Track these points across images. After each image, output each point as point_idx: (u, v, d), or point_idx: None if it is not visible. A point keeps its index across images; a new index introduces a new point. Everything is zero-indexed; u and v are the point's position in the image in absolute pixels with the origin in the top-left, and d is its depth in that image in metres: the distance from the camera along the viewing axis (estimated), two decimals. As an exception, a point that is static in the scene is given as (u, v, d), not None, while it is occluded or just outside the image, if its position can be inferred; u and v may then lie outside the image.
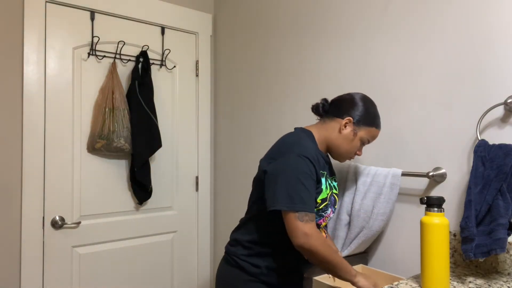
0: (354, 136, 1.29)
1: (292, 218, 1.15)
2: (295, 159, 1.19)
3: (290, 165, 1.19)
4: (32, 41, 1.83)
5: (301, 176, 1.17)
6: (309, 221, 1.15)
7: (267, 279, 1.30)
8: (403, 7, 1.48)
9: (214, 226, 2.47)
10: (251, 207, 1.37)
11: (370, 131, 1.31)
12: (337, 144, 1.31)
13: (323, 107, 1.36)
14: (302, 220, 1.14)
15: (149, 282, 2.19)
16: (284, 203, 1.16)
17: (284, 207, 1.15)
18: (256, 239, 1.31)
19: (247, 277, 1.29)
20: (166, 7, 2.25)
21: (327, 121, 1.33)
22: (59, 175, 1.90)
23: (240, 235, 1.35)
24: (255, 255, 1.30)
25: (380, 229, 1.43)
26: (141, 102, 2.03)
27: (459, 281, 1.13)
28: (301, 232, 1.14)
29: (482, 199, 1.12)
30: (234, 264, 1.33)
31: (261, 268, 1.29)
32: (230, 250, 1.37)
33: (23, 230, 1.80)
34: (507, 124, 1.21)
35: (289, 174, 1.17)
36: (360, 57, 1.63)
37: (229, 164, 2.35)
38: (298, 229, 1.14)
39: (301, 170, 1.18)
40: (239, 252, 1.33)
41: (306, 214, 1.15)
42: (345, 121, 1.29)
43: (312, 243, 1.13)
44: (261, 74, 2.13)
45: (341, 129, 1.29)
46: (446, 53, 1.35)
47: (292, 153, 1.20)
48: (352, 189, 1.52)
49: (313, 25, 1.84)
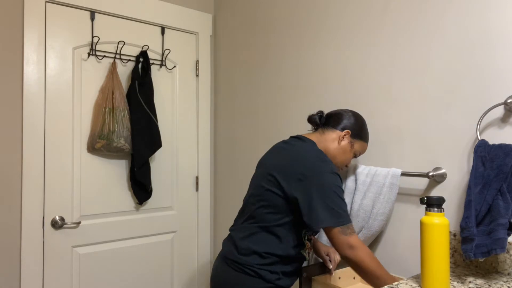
0: (351, 148, 1.39)
1: (336, 233, 1.22)
2: (331, 176, 1.26)
3: (329, 182, 1.25)
4: (32, 41, 1.83)
5: (338, 191, 1.25)
6: (352, 233, 1.22)
7: (282, 283, 1.34)
8: (403, 7, 1.48)
9: (214, 226, 2.47)
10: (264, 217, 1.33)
11: (362, 145, 1.43)
12: (334, 154, 1.38)
13: (320, 119, 1.45)
14: (345, 234, 1.22)
15: (149, 282, 2.19)
16: (329, 221, 1.22)
17: (329, 224, 1.22)
18: (272, 250, 1.32)
19: (266, 284, 1.31)
20: (166, 7, 2.26)
21: (326, 132, 1.41)
22: (59, 175, 1.90)
23: (257, 246, 1.33)
24: (273, 264, 1.32)
25: (379, 229, 1.43)
26: (141, 102, 2.03)
27: (459, 281, 1.13)
28: (347, 245, 1.21)
29: (482, 199, 1.12)
30: (251, 274, 1.32)
31: (278, 274, 1.33)
32: (244, 260, 1.33)
33: (23, 230, 1.80)
34: (507, 124, 1.21)
35: (329, 192, 1.24)
36: (360, 57, 1.63)
37: (229, 164, 2.35)
38: (344, 242, 1.21)
39: (337, 185, 1.26)
40: (256, 262, 1.32)
41: (348, 227, 1.22)
42: (344, 133, 1.38)
43: (359, 254, 1.20)
44: (261, 74, 2.13)
45: (340, 140, 1.38)
46: (446, 53, 1.35)
47: (327, 171, 1.27)
48: (352, 189, 1.53)
49: (312, 25, 1.84)
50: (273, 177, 1.31)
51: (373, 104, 1.58)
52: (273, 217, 1.32)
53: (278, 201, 1.30)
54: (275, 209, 1.31)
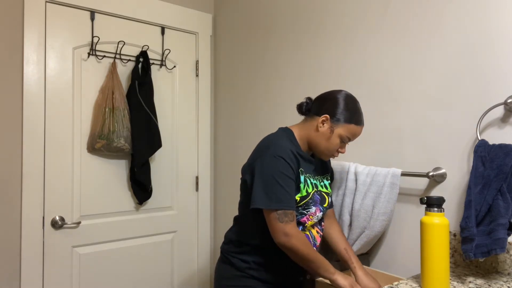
0: (331, 134, 1.29)
1: (272, 219, 1.22)
2: (270, 159, 1.24)
3: (266, 165, 1.24)
4: (32, 41, 1.83)
5: (276, 176, 1.22)
6: (289, 221, 1.21)
7: (256, 274, 1.34)
8: (403, 7, 1.48)
9: (214, 226, 2.47)
10: (239, 207, 1.44)
11: (349, 128, 1.29)
12: (316, 142, 1.33)
13: (306, 105, 1.38)
14: (282, 221, 1.21)
15: (149, 282, 2.19)
16: (262, 202, 1.22)
17: (262, 206, 1.22)
18: (244, 237, 1.37)
19: (237, 272, 1.36)
20: (166, 7, 2.25)
21: (308, 120, 1.36)
22: (59, 175, 1.90)
23: (232, 234, 1.43)
24: (245, 252, 1.36)
25: (382, 230, 1.43)
26: (141, 102, 2.03)
27: (459, 281, 1.13)
28: (282, 232, 1.21)
29: (482, 199, 1.12)
30: (226, 261, 1.40)
31: (249, 263, 1.34)
32: (223, 248, 1.44)
33: (23, 230, 1.80)
34: (507, 124, 1.21)
35: (266, 175, 1.23)
36: (360, 57, 1.63)
37: (229, 164, 2.35)
38: (278, 229, 1.21)
39: (276, 169, 1.22)
40: (231, 250, 1.39)
41: (286, 215, 1.21)
42: (321, 118, 1.29)
43: (293, 242, 1.21)
44: (261, 74, 2.13)
45: (318, 126, 1.31)
46: (446, 52, 1.35)
47: (267, 154, 1.25)
48: (353, 189, 1.52)
49: (312, 25, 1.84)
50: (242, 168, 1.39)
51: (373, 104, 1.58)
52: (242, 206, 1.39)
53: (244, 189, 1.36)
54: (243, 198, 1.37)
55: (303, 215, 1.32)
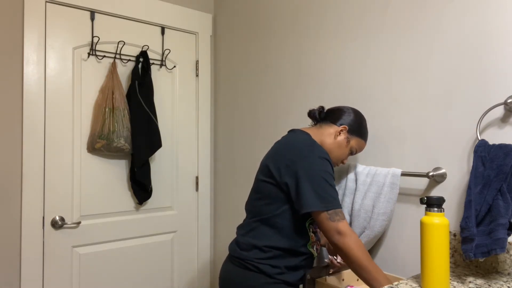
0: (347, 144, 1.39)
1: (324, 219, 1.21)
2: (319, 161, 1.25)
3: (314, 167, 1.24)
4: (32, 41, 1.83)
5: (326, 176, 1.23)
6: (341, 219, 1.21)
7: (286, 278, 1.30)
8: (403, 7, 1.48)
9: (214, 226, 2.47)
10: (261, 210, 1.34)
11: (359, 143, 1.41)
12: (330, 149, 1.37)
13: (320, 114, 1.44)
14: (333, 220, 1.20)
15: (149, 282, 2.19)
16: (315, 205, 1.21)
17: (316, 208, 1.21)
18: (273, 243, 1.30)
19: (268, 279, 1.28)
20: (166, 7, 2.26)
21: (324, 127, 1.40)
22: (59, 175, 1.90)
23: (256, 240, 1.32)
24: (274, 257, 1.30)
25: (382, 230, 1.43)
26: (141, 102, 2.03)
27: (459, 281, 1.13)
28: (335, 231, 1.20)
29: (482, 199, 1.12)
30: (252, 269, 1.30)
31: (281, 268, 1.29)
32: (244, 255, 1.32)
33: (23, 230, 1.80)
34: (507, 124, 1.21)
35: (315, 176, 1.23)
36: (360, 57, 1.63)
37: (229, 164, 2.35)
38: (332, 228, 1.20)
39: (326, 170, 1.24)
40: (257, 256, 1.30)
41: (336, 213, 1.21)
42: (340, 128, 1.38)
43: (347, 241, 1.19)
44: (261, 74, 2.13)
45: (336, 135, 1.38)
46: (446, 53, 1.35)
47: (314, 155, 1.26)
48: (352, 189, 1.52)
49: (313, 25, 1.84)
50: (266, 167, 1.34)
51: (373, 104, 1.58)
52: (269, 208, 1.31)
53: (272, 190, 1.31)
54: (270, 200, 1.31)
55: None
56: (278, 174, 1.29)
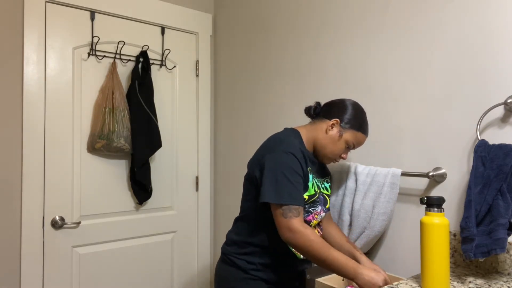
0: (340, 138, 1.33)
1: (277, 215, 1.21)
2: (284, 155, 1.24)
3: (276, 160, 1.24)
4: (32, 41, 1.83)
5: (286, 171, 1.21)
6: (293, 217, 1.18)
7: (263, 275, 1.32)
8: (403, 7, 1.48)
9: (214, 226, 2.47)
10: (241, 206, 1.41)
11: (356, 135, 1.33)
12: (323, 144, 1.34)
13: (315, 109, 1.41)
14: (286, 216, 1.19)
15: (149, 282, 2.19)
16: (270, 196, 1.20)
17: (269, 199, 1.20)
18: (249, 238, 1.34)
19: (244, 275, 1.32)
20: (166, 7, 2.25)
21: (317, 122, 1.38)
22: (59, 175, 1.90)
23: (235, 235, 1.39)
24: (250, 253, 1.33)
25: (382, 230, 1.43)
26: (141, 102, 2.03)
27: (459, 281, 1.13)
28: (285, 228, 1.19)
29: (482, 199, 1.12)
30: (230, 263, 1.36)
31: (256, 265, 1.32)
32: (226, 250, 1.40)
33: (23, 230, 1.80)
34: (507, 124, 1.21)
35: (275, 170, 1.22)
36: (360, 56, 1.63)
37: (229, 164, 2.35)
38: (282, 225, 1.19)
39: (286, 165, 1.22)
40: (235, 251, 1.36)
41: (290, 210, 1.19)
42: (332, 122, 1.33)
43: (297, 238, 1.17)
44: (261, 74, 2.13)
45: (327, 129, 1.34)
46: (446, 53, 1.35)
47: (277, 150, 1.25)
48: (353, 189, 1.52)
49: (313, 25, 1.84)
50: (248, 165, 1.37)
51: (373, 104, 1.58)
52: (247, 204, 1.36)
53: (249, 186, 1.35)
54: (249, 196, 1.35)
55: (309, 213, 1.32)
56: (251, 170, 1.33)
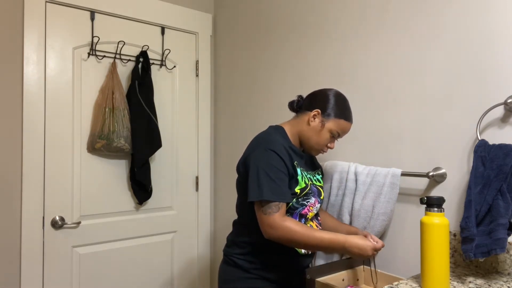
0: (322, 128, 1.32)
1: (259, 212, 1.23)
2: (264, 153, 1.25)
3: (257, 159, 1.25)
4: (32, 41, 1.83)
5: (266, 168, 1.22)
6: (272, 213, 1.20)
7: (263, 273, 1.33)
8: (403, 7, 1.48)
9: (214, 226, 2.47)
10: (237, 209, 1.44)
11: (339, 123, 1.32)
12: (307, 136, 1.35)
13: (298, 103, 1.41)
14: (265, 213, 1.20)
15: (149, 282, 2.19)
16: (252, 196, 1.22)
17: (252, 199, 1.22)
18: (247, 238, 1.36)
19: (246, 274, 1.34)
20: (166, 7, 2.25)
21: (300, 116, 1.38)
22: (59, 175, 1.90)
23: (235, 237, 1.41)
24: (251, 253, 1.35)
25: (382, 230, 1.43)
26: (141, 102, 2.03)
27: (459, 281, 1.13)
28: (266, 225, 1.21)
29: (482, 199, 1.12)
30: (231, 264, 1.38)
31: (256, 264, 1.33)
32: (227, 251, 1.42)
33: (23, 230, 1.80)
34: (507, 124, 1.21)
35: (257, 168, 1.23)
36: (360, 56, 1.63)
37: (229, 164, 2.35)
38: (262, 222, 1.21)
39: (266, 162, 1.23)
40: (236, 252, 1.38)
41: (270, 207, 1.20)
42: (313, 113, 1.33)
43: (279, 233, 1.19)
44: (261, 74, 2.13)
45: (309, 121, 1.34)
46: (446, 53, 1.35)
47: (261, 147, 1.27)
48: (353, 189, 1.52)
49: (313, 24, 1.84)
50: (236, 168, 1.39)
51: (373, 104, 1.58)
52: (242, 206, 1.38)
53: (240, 188, 1.36)
54: (242, 198, 1.36)
55: (304, 206, 1.33)
56: (238, 172, 1.35)
